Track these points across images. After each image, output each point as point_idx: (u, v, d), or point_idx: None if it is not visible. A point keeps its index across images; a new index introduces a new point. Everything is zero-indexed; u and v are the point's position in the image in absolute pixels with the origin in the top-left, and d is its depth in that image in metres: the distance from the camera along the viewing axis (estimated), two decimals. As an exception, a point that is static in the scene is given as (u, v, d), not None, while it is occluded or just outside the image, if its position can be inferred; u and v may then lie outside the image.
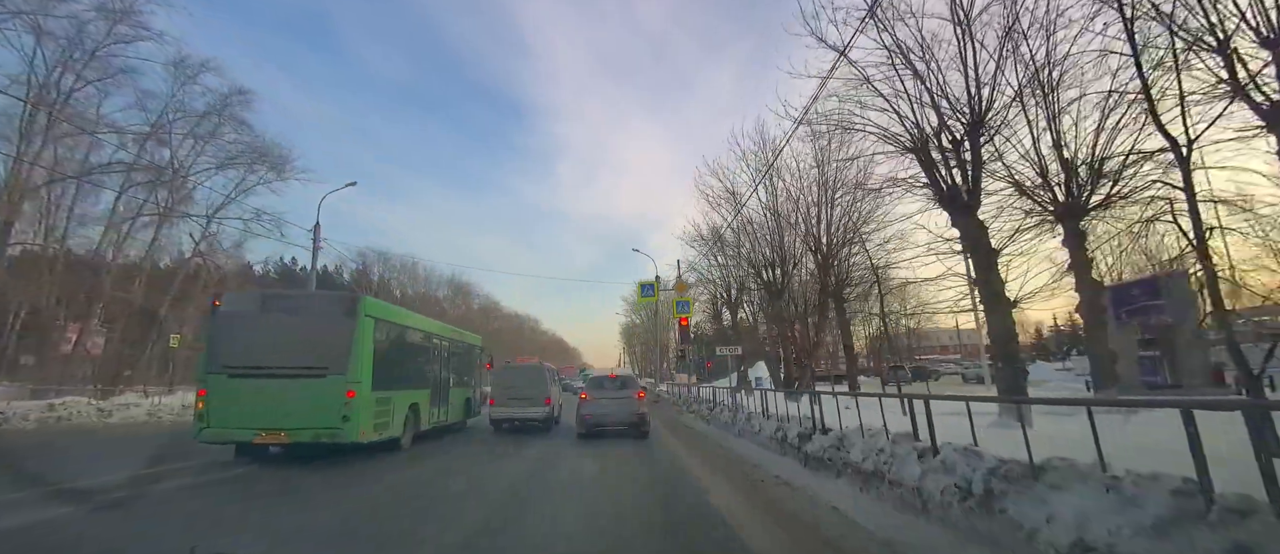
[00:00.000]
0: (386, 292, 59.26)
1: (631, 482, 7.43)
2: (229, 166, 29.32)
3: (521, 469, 8.47)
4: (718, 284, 28.26)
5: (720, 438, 12.24)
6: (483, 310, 78.62)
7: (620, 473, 8.09)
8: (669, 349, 60.62)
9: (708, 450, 10.57)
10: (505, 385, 14.00)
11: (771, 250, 20.83)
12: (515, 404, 13.71)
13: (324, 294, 17.31)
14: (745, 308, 29.15)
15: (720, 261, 26.36)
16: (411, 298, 62.60)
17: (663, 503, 6.10)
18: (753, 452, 9.84)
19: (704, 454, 10.04)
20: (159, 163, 27.42)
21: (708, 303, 31.83)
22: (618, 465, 8.71)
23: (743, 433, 11.84)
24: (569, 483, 7.39)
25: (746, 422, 12.10)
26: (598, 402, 12.15)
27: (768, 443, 9.93)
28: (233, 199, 30.04)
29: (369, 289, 52.91)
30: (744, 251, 22.33)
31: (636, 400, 12.17)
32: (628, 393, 12.31)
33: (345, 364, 8.49)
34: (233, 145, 29.22)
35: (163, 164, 27.34)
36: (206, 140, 28.92)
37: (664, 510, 5.75)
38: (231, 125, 28.97)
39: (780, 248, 20.58)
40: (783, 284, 20.79)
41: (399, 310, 11.98)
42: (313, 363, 8.43)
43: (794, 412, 9.86)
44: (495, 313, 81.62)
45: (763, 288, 21.66)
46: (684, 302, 24.53)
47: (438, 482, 7.65)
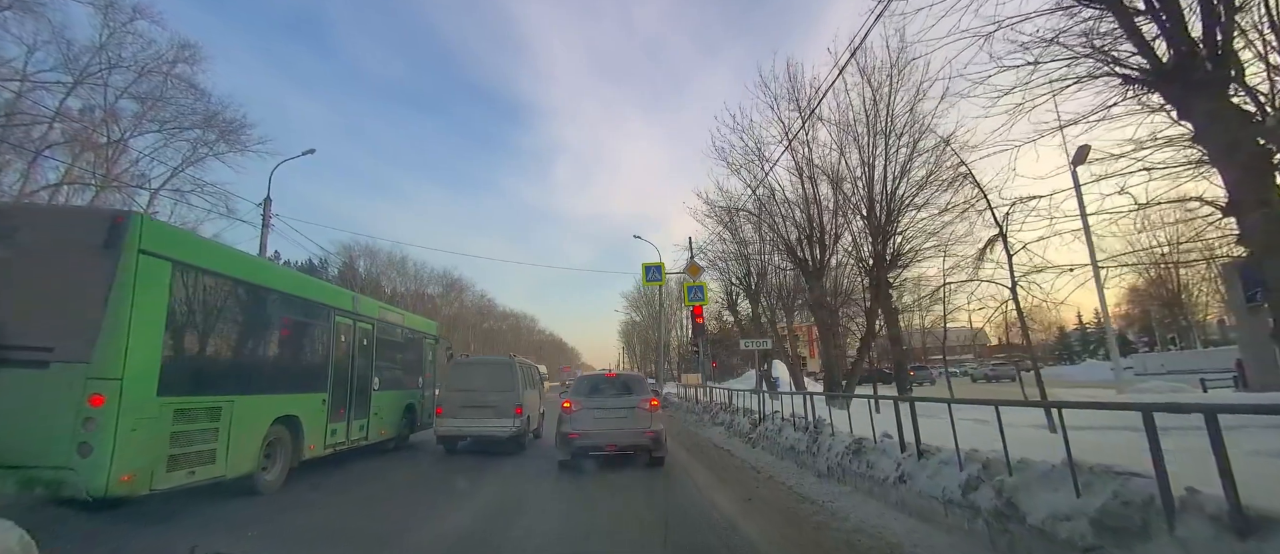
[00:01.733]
0: (375, 287, 55.49)
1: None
2: (170, 130, 25.35)
3: (459, 527, 4.80)
4: (734, 269, 24.05)
5: (776, 470, 7.41)
6: (477, 309, 74.94)
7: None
8: (671, 348, 56.76)
9: (779, 510, 6.05)
10: (459, 388, 9.96)
11: (809, 222, 16.73)
12: (472, 414, 9.69)
13: (59, 209, 11.73)
14: (763, 301, 25.00)
15: (739, 240, 22.28)
16: (402, 295, 58.91)
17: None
18: (873, 514, 5.34)
19: (777, 518, 5.78)
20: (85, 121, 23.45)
21: (720, 293, 27.59)
22: (620, 524, 4.88)
23: (838, 473, 6.12)
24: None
25: (829, 452, 6.70)
26: (590, 413, 8.10)
27: (881, 492, 5.73)
28: (179, 171, 26.25)
29: (356, 285, 48.99)
30: (772, 226, 18.15)
31: (646, 412, 8.10)
32: (634, 400, 8.24)
33: (90, 341, 4.44)
34: (179, 109, 25.36)
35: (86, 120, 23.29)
36: (148, 102, 25.09)
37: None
38: (177, 85, 25.11)
39: (819, 219, 16.52)
40: (822, 262, 16.70)
41: (232, 253, 6.80)
42: (24, 341, 4.40)
43: (860, 426, 5.78)
44: (490, 311, 77.85)
45: (797, 267, 17.53)
46: (697, 287, 20.46)
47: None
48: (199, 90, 25.31)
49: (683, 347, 58.35)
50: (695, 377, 28.97)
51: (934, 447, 4.51)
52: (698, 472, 7.67)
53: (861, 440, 5.11)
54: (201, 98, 25.40)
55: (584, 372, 14.37)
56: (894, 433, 5.36)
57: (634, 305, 67.73)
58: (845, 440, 5.47)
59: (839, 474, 5.42)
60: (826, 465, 5.58)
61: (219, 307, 5.96)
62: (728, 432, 10.70)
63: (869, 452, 4.90)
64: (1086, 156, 10.97)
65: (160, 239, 5.10)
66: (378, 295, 48.72)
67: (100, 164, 24.58)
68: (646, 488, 6.65)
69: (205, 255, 5.89)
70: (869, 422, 6.46)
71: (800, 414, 8.14)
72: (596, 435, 7.89)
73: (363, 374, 8.90)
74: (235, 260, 6.50)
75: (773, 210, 17.64)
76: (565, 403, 8.28)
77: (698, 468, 8.00)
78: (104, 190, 24.62)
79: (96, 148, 24.32)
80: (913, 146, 14.25)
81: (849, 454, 5.26)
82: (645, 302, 64.18)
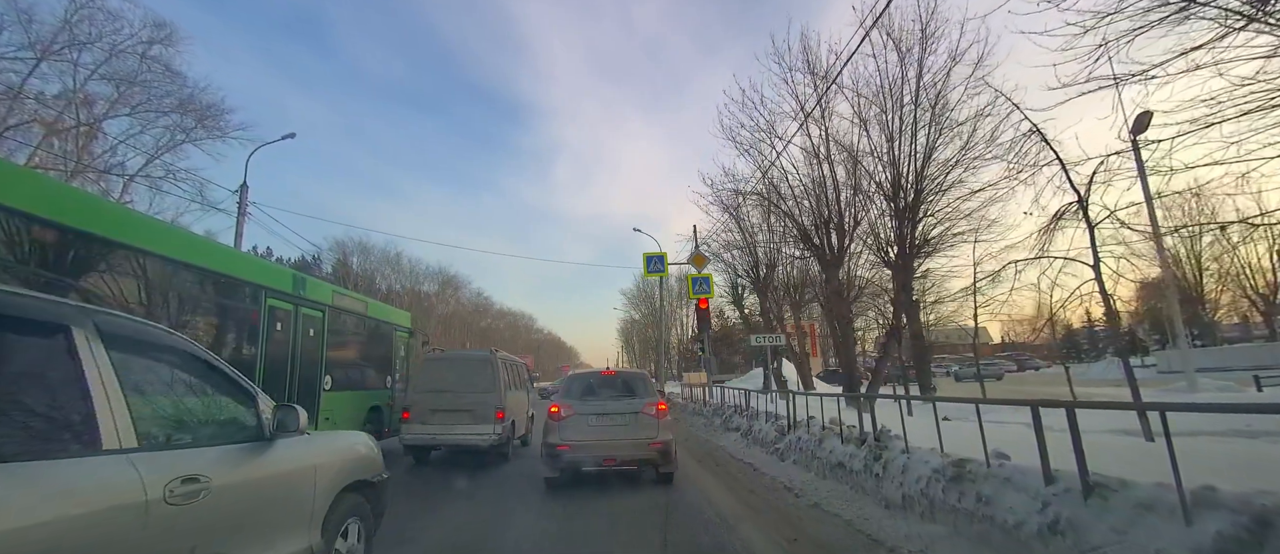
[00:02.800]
0: (369, 284, 53.95)
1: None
2: (142, 113, 23.82)
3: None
4: (740, 260, 22.48)
5: (820, 493, 5.53)
6: (474, 307, 73.40)
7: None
8: (673, 347, 55.14)
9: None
10: (430, 389, 8.45)
11: (826, 205, 15.20)
12: (445, 420, 8.21)
13: None
14: (773, 294, 23.43)
15: (746, 230, 20.75)
16: (397, 293, 57.39)
17: None
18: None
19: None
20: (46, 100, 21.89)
21: (725, 288, 25.99)
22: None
23: (922, 505, 4.18)
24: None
25: (903, 474, 4.67)
26: (583, 420, 6.56)
27: (1012, 543, 4.04)
28: (155, 157, 24.81)
29: (350, 282, 47.36)
30: (785, 212, 16.59)
31: (653, 418, 6.55)
32: (637, 404, 6.67)
33: None
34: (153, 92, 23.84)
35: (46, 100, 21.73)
36: (121, 85, 23.54)
37: None
38: (153, 69, 23.59)
39: (837, 202, 15.00)
40: (841, 250, 15.18)
41: (96, 201, 5.80)
42: None
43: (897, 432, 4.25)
44: (487, 309, 76.32)
45: (814, 255, 15.99)
46: (702, 278, 18.92)
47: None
48: (175, 73, 23.91)
49: (682, 345, 56.83)
50: (699, 375, 27.43)
51: (1060, 469, 3.04)
52: (716, 492, 6.16)
53: (964, 463, 3.61)
54: (177, 80, 24.01)
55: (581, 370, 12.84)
56: (967, 443, 3.90)
57: (633, 303, 66.34)
58: (930, 460, 3.94)
59: (924, 508, 3.91)
60: (901, 494, 4.08)
61: (70, 265, 4.42)
62: (746, 439, 9.15)
63: (978, 479, 3.42)
64: (1149, 123, 9.48)
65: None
66: (371, 292, 47.07)
67: (71, 148, 23.19)
68: (653, 514, 5.16)
69: (38, 198, 4.30)
70: (901, 426, 5.14)
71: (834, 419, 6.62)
72: (591, 448, 6.36)
73: (308, 372, 7.38)
74: (99, 212, 4.94)
75: (785, 193, 16.10)
76: (552, 407, 6.71)
77: (716, 487, 6.49)
78: (75, 176, 23.16)
79: (61, 131, 22.87)
80: (945, 116, 12.74)
81: (941, 481, 3.75)
82: (645, 298, 62.79)
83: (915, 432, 4.86)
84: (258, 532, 2.28)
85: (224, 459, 2.19)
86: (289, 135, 24.25)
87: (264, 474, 2.39)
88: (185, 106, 24.67)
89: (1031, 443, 3.24)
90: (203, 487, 1.95)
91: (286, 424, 2.55)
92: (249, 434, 2.45)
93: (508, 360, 9.82)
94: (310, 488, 2.66)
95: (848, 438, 5.56)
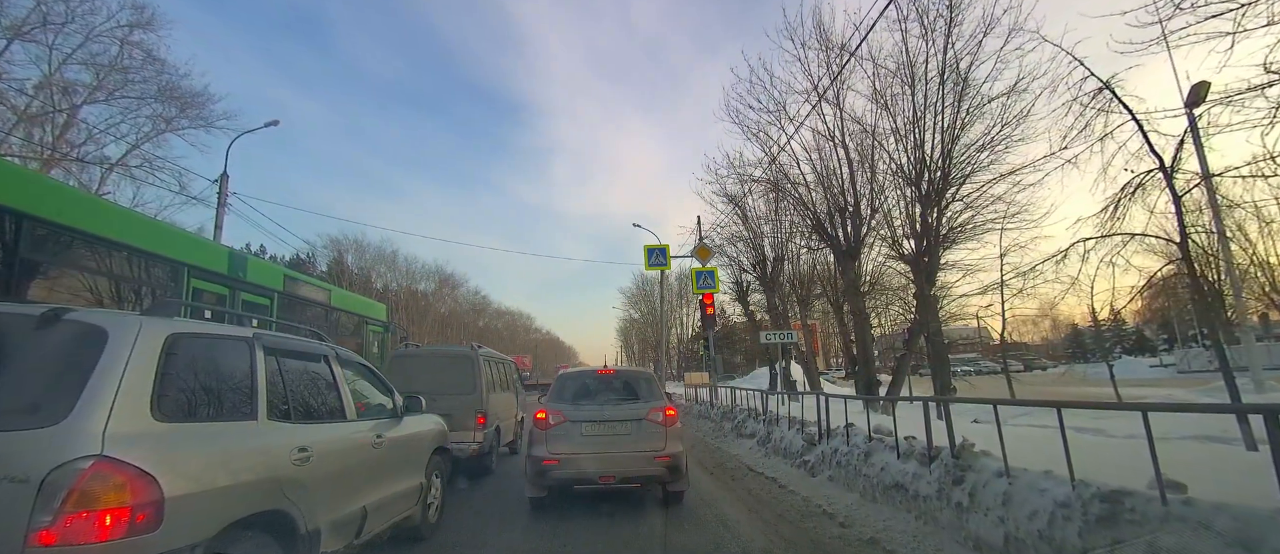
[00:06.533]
0: (365, 282, 52.74)
1: None
2: (120, 100, 22.64)
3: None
4: (745, 254, 21.33)
5: (877, 525, 4.35)
6: (472, 306, 72.22)
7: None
8: (672, 347, 53.98)
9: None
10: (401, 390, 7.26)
11: (842, 192, 14.07)
12: None
13: None
14: (781, 290, 22.26)
15: (752, 222, 19.62)
16: (393, 292, 56.20)
17: None
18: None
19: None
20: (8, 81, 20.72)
21: (729, 284, 24.80)
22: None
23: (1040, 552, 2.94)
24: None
25: (1002, 506, 3.38)
26: (576, 428, 5.41)
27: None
28: (136, 147, 23.65)
29: (344, 281, 46.12)
30: (797, 199, 15.44)
31: (660, 426, 5.39)
32: (641, 409, 5.52)
33: None
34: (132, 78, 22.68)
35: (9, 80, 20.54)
36: (99, 70, 22.39)
37: None
38: (133, 55, 22.42)
39: (854, 188, 13.88)
40: (857, 240, 14.06)
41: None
42: None
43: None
44: (485, 308, 75.08)
45: (829, 245, 14.85)
46: (707, 273, 17.78)
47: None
48: (156, 59, 22.76)
49: (683, 345, 55.65)
50: (700, 375, 26.29)
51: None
52: (738, 517, 5.02)
53: (1122, 495, 2.46)
54: (157, 66, 22.85)
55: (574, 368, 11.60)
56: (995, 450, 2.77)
57: (632, 302, 65.17)
58: (1048, 488, 2.75)
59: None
60: (1002, 533, 2.94)
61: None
62: (763, 448, 8.01)
63: (1149, 522, 2.28)
64: (1205, 94, 8.37)
65: None
66: (367, 291, 45.86)
67: (44, 134, 22.06)
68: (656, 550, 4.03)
69: None
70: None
71: (878, 426, 5.49)
72: (584, 463, 5.21)
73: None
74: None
75: (796, 179, 14.96)
76: (539, 413, 5.55)
77: (736, 510, 5.34)
78: (50, 164, 22.02)
79: (29, 118, 21.73)
80: (975, 91, 11.62)
81: (1077, 521, 2.61)
82: (644, 297, 61.63)
83: (986, 442, 3.75)
84: (400, 468, 4.00)
85: (387, 426, 3.90)
86: (272, 122, 23.11)
87: (402, 436, 4.09)
88: (166, 94, 23.54)
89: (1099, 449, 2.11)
90: (385, 438, 3.75)
91: (410, 408, 4.38)
92: (389, 413, 4.09)
93: (492, 357, 8.66)
94: (419, 447, 4.44)
95: (908, 453, 4.42)
